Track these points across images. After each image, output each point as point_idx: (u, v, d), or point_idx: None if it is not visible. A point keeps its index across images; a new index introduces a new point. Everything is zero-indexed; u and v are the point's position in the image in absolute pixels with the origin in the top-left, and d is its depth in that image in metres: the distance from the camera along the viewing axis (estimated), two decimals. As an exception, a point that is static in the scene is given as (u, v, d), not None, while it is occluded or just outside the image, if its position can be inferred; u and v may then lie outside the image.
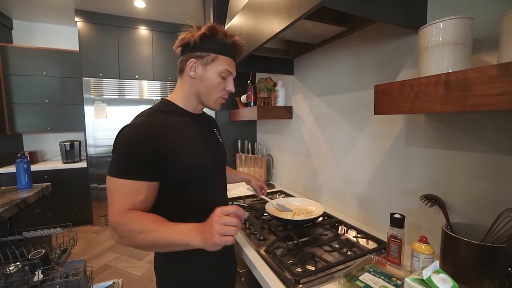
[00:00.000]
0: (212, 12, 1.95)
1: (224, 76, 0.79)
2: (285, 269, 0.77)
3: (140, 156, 0.67)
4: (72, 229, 1.56)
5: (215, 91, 0.80)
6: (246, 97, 1.87)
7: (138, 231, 0.62)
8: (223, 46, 0.77)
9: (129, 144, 0.67)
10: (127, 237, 0.64)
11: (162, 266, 0.81)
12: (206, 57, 0.76)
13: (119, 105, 3.35)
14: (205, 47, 0.76)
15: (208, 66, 0.77)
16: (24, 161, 1.74)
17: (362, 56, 1.09)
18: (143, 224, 0.63)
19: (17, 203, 1.48)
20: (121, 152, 0.68)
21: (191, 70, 0.77)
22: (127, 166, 0.66)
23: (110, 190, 0.67)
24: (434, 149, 0.84)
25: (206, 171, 0.78)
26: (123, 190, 0.66)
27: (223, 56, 0.78)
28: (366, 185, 1.13)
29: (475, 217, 0.74)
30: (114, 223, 0.65)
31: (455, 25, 0.62)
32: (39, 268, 1.17)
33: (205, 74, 0.77)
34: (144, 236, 0.62)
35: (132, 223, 0.63)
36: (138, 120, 0.71)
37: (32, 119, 3.19)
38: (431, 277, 0.49)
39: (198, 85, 0.79)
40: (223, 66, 0.78)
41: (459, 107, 0.54)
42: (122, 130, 0.70)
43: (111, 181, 0.67)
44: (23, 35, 3.39)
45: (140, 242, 0.63)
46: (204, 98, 0.81)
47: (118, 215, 0.64)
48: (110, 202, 0.66)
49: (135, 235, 0.62)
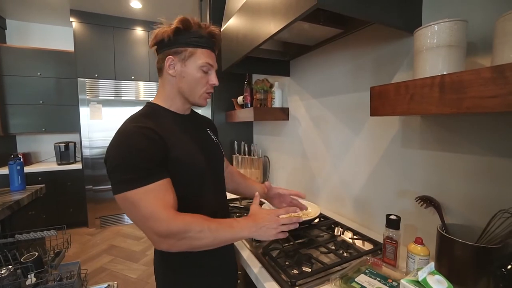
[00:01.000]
0: (209, 13, 1.95)
1: (205, 70, 0.76)
2: (281, 271, 0.77)
3: (151, 157, 0.64)
4: (66, 231, 1.54)
5: (198, 86, 0.77)
6: (243, 98, 1.86)
7: (198, 230, 0.61)
8: (200, 38, 0.74)
9: (135, 150, 0.63)
10: (186, 239, 0.61)
11: (163, 272, 0.79)
12: (184, 52, 0.73)
13: (115, 106, 3.33)
14: (181, 42, 0.73)
15: (187, 61, 0.74)
16: (17, 162, 1.72)
17: (359, 58, 1.10)
18: (201, 223, 0.62)
19: (10, 205, 1.46)
20: (129, 161, 0.62)
21: (170, 68, 0.74)
22: (145, 171, 0.62)
23: (138, 202, 0.60)
24: (429, 151, 0.85)
25: (200, 170, 0.75)
26: (153, 196, 0.61)
27: (201, 48, 0.74)
28: (362, 186, 1.13)
29: (470, 218, 0.75)
30: (170, 229, 0.59)
31: (449, 27, 0.62)
32: (32, 272, 1.15)
33: (185, 70, 0.74)
34: (204, 234, 0.62)
35: (191, 223, 0.61)
36: (127, 128, 0.67)
37: (26, 120, 3.15)
38: (426, 279, 0.49)
39: (179, 82, 0.76)
40: (202, 59, 0.74)
41: (454, 109, 0.54)
42: (113, 145, 0.65)
43: (134, 194, 0.60)
44: (17, 35, 3.35)
45: (200, 242, 0.62)
46: (188, 95, 0.78)
47: (170, 220, 0.60)
48: (147, 213, 0.60)
49: (195, 235, 0.61)
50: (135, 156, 0.62)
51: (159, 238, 0.61)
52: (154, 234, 0.61)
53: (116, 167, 0.63)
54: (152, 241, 0.63)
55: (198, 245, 0.63)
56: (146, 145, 0.64)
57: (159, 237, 0.61)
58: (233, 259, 0.92)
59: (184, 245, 0.62)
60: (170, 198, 0.64)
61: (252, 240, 1.00)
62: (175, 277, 0.77)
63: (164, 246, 0.62)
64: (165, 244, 0.62)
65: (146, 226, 0.61)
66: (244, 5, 1.14)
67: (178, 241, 0.61)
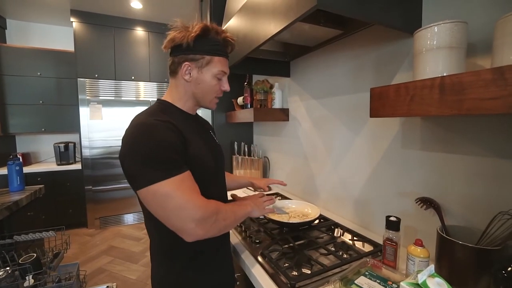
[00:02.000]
0: (209, 13, 1.95)
1: (219, 77, 0.79)
2: (281, 272, 0.76)
3: (177, 149, 0.65)
4: (65, 232, 1.53)
5: (211, 92, 0.80)
6: (243, 99, 1.86)
7: (224, 211, 0.71)
8: (216, 45, 0.76)
9: (163, 141, 0.63)
10: (218, 221, 0.68)
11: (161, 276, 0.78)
12: (201, 60, 0.75)
13: (115, 106, 3.32)
14: (199, 49, 0.74)
15: (204, 69, 0.76)
16: (16, 162, 1.71)
17: (359, 58, 1.10)
18: (223, 206, 0.72)
19: (9, 205, 1.45)
20: (157, 153, 0.61)
21: (186, 73, 0.76)
22: (173, 162, 0.63)
23: (171, 192, 0.61)
24: (430, 152, 0.85)
25: (210, 168, 0.77)
26: (186, 185, 0.64)
27: (217, 57, 0.76)
28: (362, 187, 1.13)
29: (470, 220, 0.74)
30: (206, 214, 0.64)
31: (450, 29, 0.62)
32: (30, 273, 1.15)
33: (201, 77, 0.76)
34: (228, 215, 0.72)
35: (218, 206, 0.69)
36: (149, 122, 0.66)
37: (25, 120, 3.15)
38: (426, 281, 0.49)
39: (194, 88, 0.78)
40: (218, 67, 0.77)
41: (454, 111, 0.54)
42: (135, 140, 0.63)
43: (166, 185, 0.61)
44: (17, 35, 3.35)
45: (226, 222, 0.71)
46: (200, 100, 0.81)
47: (205, 206, 0.65)
48: (182, 201, 0.61)
49: (223, 216, 0.70)
50: (163, 148, 0.62)
51: (196, 225, 0.63)
52: (192, 221, 0.62)
53: (144, 159, 0.61)
54: (187, 230, 0.63)
55: (225, 225, 0.71)
56: (172, 137, 0.65)
57: (196, 224, 0.63)
58: (231, 260, 0.91)
59: (216, 227, 0.68)
60: (197, 187, 0.68)
61: (252, 241, 0.99)
62: (172, 279, 0.76)
63: (201, 232, 0.64)
64: (202, 230, 0.64)
65: (182, 216, 0.62)
66: (244, 5, 1.14)
67: (213, 223, 0.66)
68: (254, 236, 1.02)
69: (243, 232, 1.08)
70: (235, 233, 1.09)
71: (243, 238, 1.03)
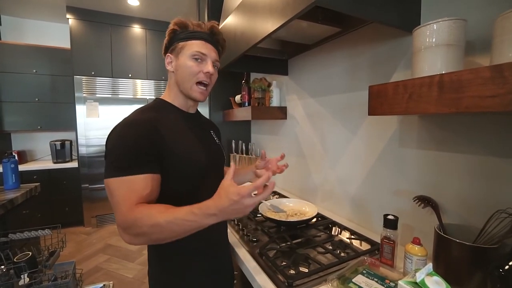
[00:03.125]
0: (207, 11, 1.94)
1: (196, 58, 0.75)
2: (278, 271, 0.76)
3: (139, 150, 0.64)
4: (61, 230, 1.52)
5: (190, 75, 0.76)
6: (241, 97, 1.85)
7: (150, 224, 0.57)
8: (193, 32, 0.76)
9: (126, 140, 0.64)
10: (139, 234, 0.59)
11: (157, 273, 0.77)
12: (177, 47, 0.77)
13: (112, 104, 3.30)
14: (175, 40, 0.77)
15: (179, 54, 0.77)
16: (11, 160, 1.70)
17: (357, 57, 1.09)
18: (154, 216, 0.58)
19: (3, 204, 1.44)
20: (119, 150, 0.64)
21: (169, 65, 0.79)
22: (127, 162, 0.63)
23: (112, 192, 0.62)
24: (427, 151, 0.85)
25: (199, 168, 0.75)
26: (127, 187, 0.62)
27: (193, 40, 0.76)
28: (359, 186, 1.13)
29: (468, 218, 0.74)
30: (124, 223, 0.60)
31: (448, 26, 0.62)
32: (25, 272, 1.14)
33: (178, 63, 0.77)
34: (157, 229, 0.58)
35: (142, 217, 0.58)
36: (130, 118, 0.70)
37: (21, 118, 3.12)
38: (424, 280, 0.49)
39: (176, 76, 0.79)
40: (193, 48, 0.75)
41: (452, 109, 0.54)
42: (114, 130, 0.67)
43: (112, 183, 0.62)
44: (12, 32, 3.30)
45: (155, 235, 0.59)
46: (183, 87, 0.78)
47: (127, 212, 0.59)
48: (115, 203, 0.61)
49: (147, 230, 0.58)
50: (125, 147, 0.64)
51: (120, 230, 0.62)
52: (117, 225, 0.62)
53: (109, 153, 0.66)
54: (118, 232, 0.63)
55: (156, 238, 0.60)
56: (139, 137, 0.65)
57: (120, 229, 0.62)
58: (229, 260, 0.91)
59: (142, 240, 0.61)
60: (145, 194, 0.63)
61: (249, 240, 0.99)
62: (169, 278, 0.76)
63: (126, 238, 0.62)
64: (126, 237, 0.61)
65: (115, 216, 0.62)
66: (242, 3, 1.13)
67: (135, 236, 0.60)
68: (251, 235, 1.02)
69: (240, 231, 1.08)
70: (232, 232, 1.09)
71: (240, 237, 1.03)
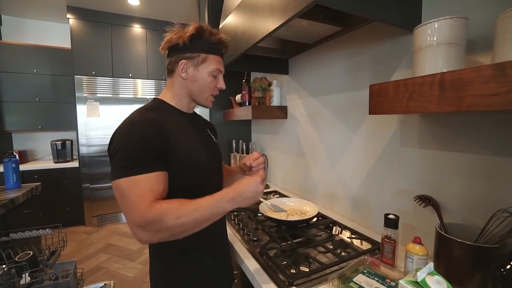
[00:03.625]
0: (207, 10, 1.93)
1: (215, 75, 0.80)
2: (279, 270, 0.76)
3: (150, 148, 0.65)
4: (62, 229, 1.52)
5: (207, 89, 0.81)
6: (241, 96, 1.85)
7: (175, 217, 0.60)
8: (211, 44, 0.78)
9: (135, 138, 0.64)
10: (163, 229, 0.61)
11: (158, 272, 0.78)
12: (197, 57, 0.77)
13: (113, 104, 3.30)
14: (195, 48, 0.76)
15: (200, 66, 0.77)
16: (12, 160, 1.70)
17: (357, 56, 1.09)
18: (177, 209, 0.61)
19: (5, 203, 1.44)
20: (127, 150, 0.63)
21: (183, 71, 0.77)
22: (138, 161, 0.63)
23: (125, 192, 0.61)
24: (428, 150, 0.84)
25: (202, 166, 0.77)
26: (142, 186, 0.61)
27: (212, 55, 0.78)
28: (360, 185, 1.12)
29: (469, 217, 0.74)
30: (144, 222, 0.60)
31: (450, 25, 0.62)
32: (26, 271, 1.14)
33: (197, 75, 0.78)
34: (182, 220, 0.60)
35: (166, 213, 0.60)
36: (135, 117, 0.70)
37: (22, 118, 3.12)
38: (425, 279, 0.49)
39: (190, 85, 0.79)
40: (213, 65, 0.78)
41: (454, 107, 0.53)
42: (119, 130, 0.67)
43: (123, 183, 0.61)
44: (12, 31, 3.31)
45: (179, 228, 0.61)
46: (196, 97, 0.82)
47: (146, 212, 0.59)
48: (131, 203, 0.61)
49: (172, 222, 0.60)
50: (134, 145, 0.64)
51: (138, 229, 0.61)
52: (134, 225, 0.61)
53: (116, 153, 0.64)
54: (134, 233, 0.62)
55: (178, 231, 0.62)
56: (148, 136, 0.65)
57: (138, 228, 0.61)
58: (229, 259, 0.91)
59: (164, 235, 0.62)
60: (159, 191, 0.64)
61: (249, 239, 0.99)
62: (170, 277, 0.76)
63: (144, 237, 0.62)
64: (145, 235, 0.61)
65: (129, 217, 0.61)
66: (242, 2, 1.13)
67: (156, 231, 0.61)
68: (252, 234, 1.02)
69: (241, 230, 1.08)
70: (232, 231, 1.09)
71: (241, 236, 1.03)
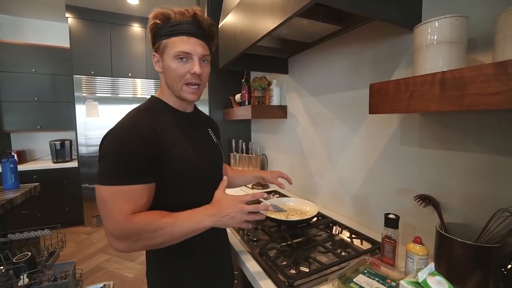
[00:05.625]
0: (206, 9, 1.93)
1: (181, 58, 0.70)
2: (279, 271, 0.75)
3: (136, 159, 0.62)
4: (61, 230, 1.52)
5: (177, 78, 0.72)
6: (241, 96, 1.84)
7: (153, 230, 0.61)
8: (174, 26, 0.69)
9: (125, 147, 0.62)
10: (141, 240, 0.61)
11: (156, 272, 0.77)
12: (160, 46, 0.71)
13: (112, 103, 3.30)
14: (158, 37, 0.71)
15: (164, 54, 0.71)
16: (10, 160, 1.69)
17: (357, 55, 1.09)
18: (155, 223, 0.61)
19: (3, 204, 1.43)
20: (115, 157, 0.62)
21: (156, 65, 0.75)
22: (124, 171, 0.61)
23: (106, 200, 0.61)
24: (429, 149, 0.84)
25: (197, 171, 0.74)
26: (123, 197, 0.61)
27: (174, 37, 0.69)
28: (360, 185, 1.12)
29: (469, 217, 0.74)
30: (121, 233, 0.60)
31: (450, 23, 0.61)
32: (25, 272, 1.13)
33: (164, 64, 0.72)
34: (160, 233, 0.61)
35: (144, 226, 0.60)
36: (127, 122, 0.67)
37: (20, 117, 3.11)
38: (426, 280, 0.48)
39: (165, 77, 0.75)
40: (175, 48, 0.69)
41: (455, 107, 0.53)
42: (111, 134, 0.65)
43: (105, 191, 0.61)
44: (10, 31, 3.29)
45: (156, 240, 0.62)
46: (173, 89, 0.75)
47: (123, 224, 0.60)
48: (108, 212, 0.61)
49: (150, 235, 0.61)
50: (121, 154, 0.62)
51: (113, 239, 0.62)
52: (109, 234, 0.62)
53: (103, 158, 0.63)
54: (109, 241, 0.63)
55: (155, 243, 0.63)
56: (136, 145, 0.63)
57: (113, 238, 0.62)
58: (230, 259, 0.90)
59: (140, 246, 0.63)
60: (140, 204, 0.63)
61: (249, 239, 0.99)
62: (168, 278, 0.75)
63: (119, 247, 0.62)
64: (120, 246, 0.62)
65: (106, 225, 0.62)
66: (242, 1, 1.12)
67: (133, 243, 0.61)
68: (251, 234, 1.01)
69: (240, 230, 1.07)
70: (232, 231, 1.08)
71: (240, 236, 1.02)
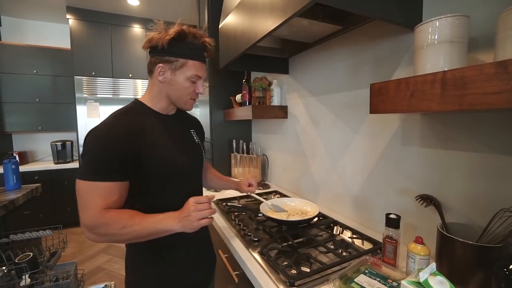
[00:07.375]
0: (207, 9, 1.93)
1: (193, 80, 0.79)
2: (280, 271, 0.75)
3: (113, 157, 0.67)
4: (63, 230, 1.52)
5: (185, 94, 0.80)
6: (241, 96, 1.84)
7: (120, 227, 0.66)
8: (192, 49, 0.76)
9: (101, 145, 0.67)
10: (107, 235, 0.67)
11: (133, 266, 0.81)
12: (175, 62, 0.75)
13: (113, 104, 3.30)
14: (174, 52, 0.75)
15: (177, 71, 0.76)
16: (12, 161, 1.70)
17: (358, 55, 1.08)
18: (124, 220, 0.67)
19: (4, 204, 1.44)
20: (93, 155, 0.67)
21: (160, 74, 0.77)
22: (101, 168, 0.66)
23: (81, 193, 0.67)
24: (430, 149, 0.84)
25: (177, 171, 0.79)
26: (96, 192, 0.66)
27: (192, 61, 0.77)
28: (361, 185, 1.12)
29: (471, 217, 0.74)
30: (92, 225, 0.66)
31: (451, 23, 0.61)
32: (27, 272, 1.14)
33: (174, 79, 0.77)
34: (126, 230, 0.67)
35: (113, 222, 0.66)
36: (108, 121, 0.71)
37: (22, 118, 3.12)
38: (428, 280, 0.48)
39: (167, 89, 0.79)
40: (192, 71, 0.77)
41: (456, 106, 0.53)
42: (93, 132, 0.69)
43: (82, 184, 0.66)
44: (12, 32, 3.30)
45: (123, 237, 0.68)
46: (175, 101, 0.82)
47: (95, 216, 0.65)
48: (82, 205, 0.67)
49: (116, 231, 0.66)
50: (100, 151, 0.67)
51: (85, 229, 0.68)
52: (82, 225, 0.68)
53: (85, 154, 0.68)
54: (83, 230, 0.69)
55: (121, 239, 0.69)
56: (115, 144, 0.67)
57: (85, 228, 0.68)
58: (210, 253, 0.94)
59: (107, 239, 0.70)
60: (112, 200, 0.68)
61: (250, 240, 0.98)
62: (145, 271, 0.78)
63: (90, 237, 0.68)
64: (90, 236, 0.68)
65: (81, 216, 0.67)
66: (242, 1, 1.12)
67: (100, 236, 0.68)
68: (252, 234, 1.01)
69: (241, 230, 1.07)
70: (233, 231, 1.08)
71: (241, 236, 1.02)
